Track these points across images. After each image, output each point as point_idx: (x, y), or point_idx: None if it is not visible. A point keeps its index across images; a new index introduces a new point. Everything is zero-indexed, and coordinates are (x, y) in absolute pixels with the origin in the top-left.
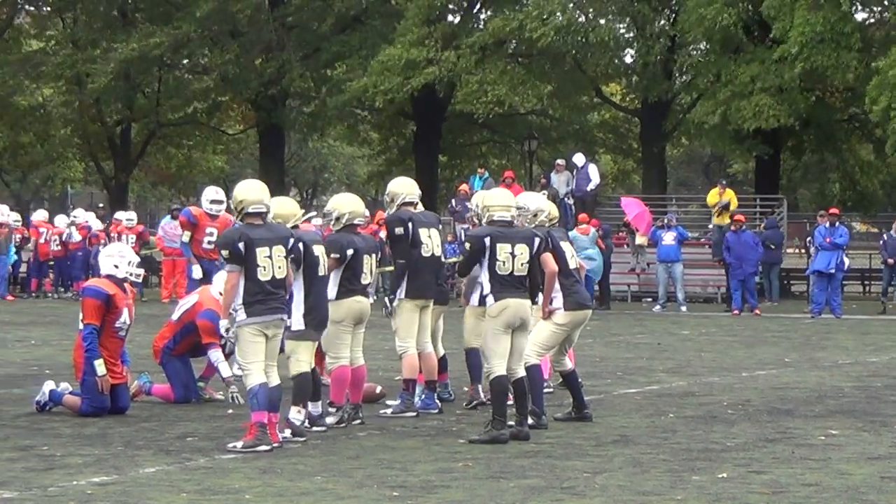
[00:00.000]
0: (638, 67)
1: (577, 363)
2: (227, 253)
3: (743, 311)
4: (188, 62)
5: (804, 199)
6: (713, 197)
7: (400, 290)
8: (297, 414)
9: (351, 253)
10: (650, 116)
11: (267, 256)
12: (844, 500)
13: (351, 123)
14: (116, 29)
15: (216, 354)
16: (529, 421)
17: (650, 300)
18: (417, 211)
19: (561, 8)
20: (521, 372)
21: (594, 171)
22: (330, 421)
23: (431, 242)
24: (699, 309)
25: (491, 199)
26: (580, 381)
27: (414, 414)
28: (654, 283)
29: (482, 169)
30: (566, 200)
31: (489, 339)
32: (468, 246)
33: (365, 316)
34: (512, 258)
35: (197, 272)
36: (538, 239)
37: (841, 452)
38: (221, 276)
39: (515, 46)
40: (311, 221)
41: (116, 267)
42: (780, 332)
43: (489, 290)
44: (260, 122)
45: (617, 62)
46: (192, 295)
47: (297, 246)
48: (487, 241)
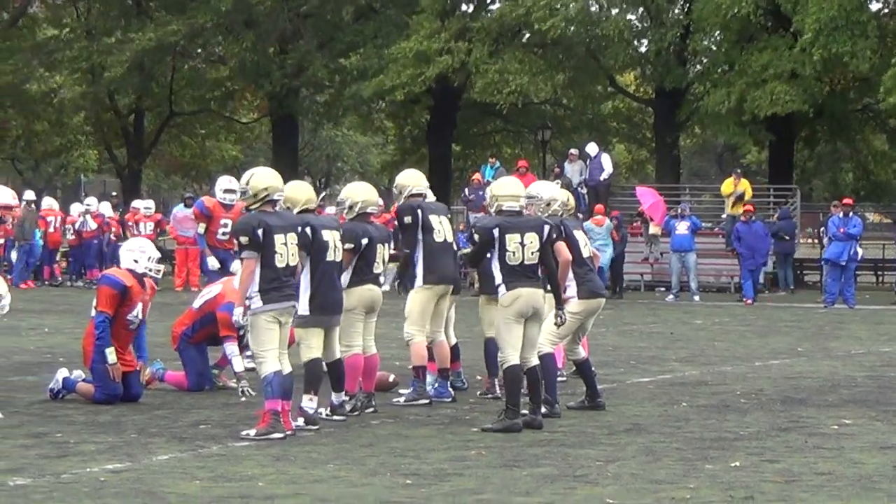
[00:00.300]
0: (651, 56)
1: (590, 352)
2: (246, 239)
3: (756, 300)
4: (202, 52)
5: (817, 189)
6: (728, 187)
7: (418, 277)
8: (309, 402)
9: (365, 242)
10: (664, 106)
11: (283, 244)
12: (857, 489)
13: (365, 113)
14: (131, 18)
15: (232, 348)
16: (542, 409)
17: (663, 289)
18: (426, 201)
19: None
20: (534, 360)
21: (607, 160)
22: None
23: (443, 228)
24: (712, 298)
25: (500, 189)
26: (593, 369)
27: (427, 402)
28: (667, 272)
29: (493, 158)
30: (579, 190)
31: (502, 328)
32: (477, 237)
33: (377, 304)
34: (522, 248)
35: (213, 263)
36: (548, 227)
37: (854, 442)
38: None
39: (529, 37)
40: (324, 209)
41: (136, 262)
42: (793, 321)
43: (500, 280)
44: (273, 111)
45: (631, 52)
46: (215, 285)
47: (304, 231)
48: (496, 231)
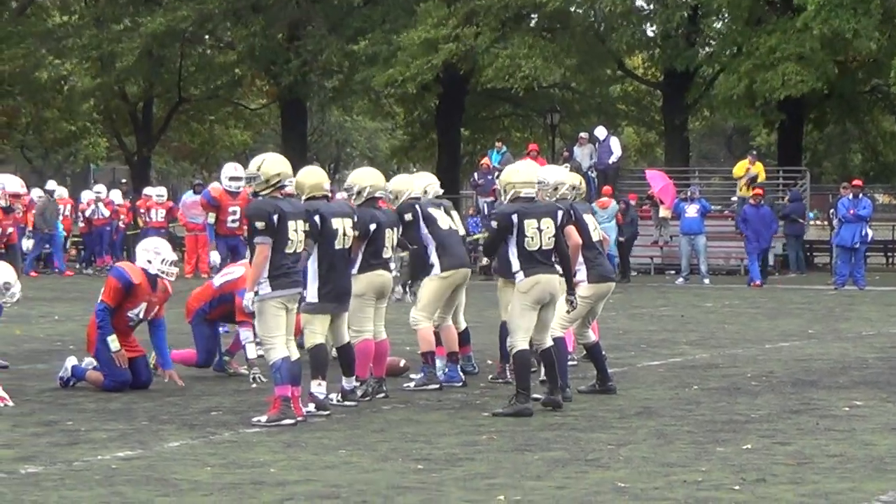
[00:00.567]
0: (659, 38)
1: (600, 335)
2: (262, 224)
3: (765, 282)
4: (211, 38)
5: (826, 170)
6: (741, 168)
7: (435, 266)
8: (318, 387)
9: (374, 227)
10: (672, 89)
11: (294, 230)
12: (869, 470)
13: (374, 98)
14: (139, 5)
15: (247, 334)
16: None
17: (673, 273)
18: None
19: None
20: (548, 342)
21: (616, 143)
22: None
23: (448, 218)
24: (722, 281)
25: (515, 175)
26: (604, 353)
27: (437, 386)
28: (677, 255)
29: (500, 142)
30: (589, 173)
31: (516, 313)
32: (495, 224)
33: (387, 290)
34: (539, 233)
35: (215, 258)
36: (561, 211)
37: (865, 423)
38: None
39: (536, 21)
40: (335, 195)
41: (150, 262)
42: (803, 303)
43: (518, 266)
44: (282, 96)
45: (639, 35)
46: (238, 266)
47: (313, 219)
48: (515, 217)
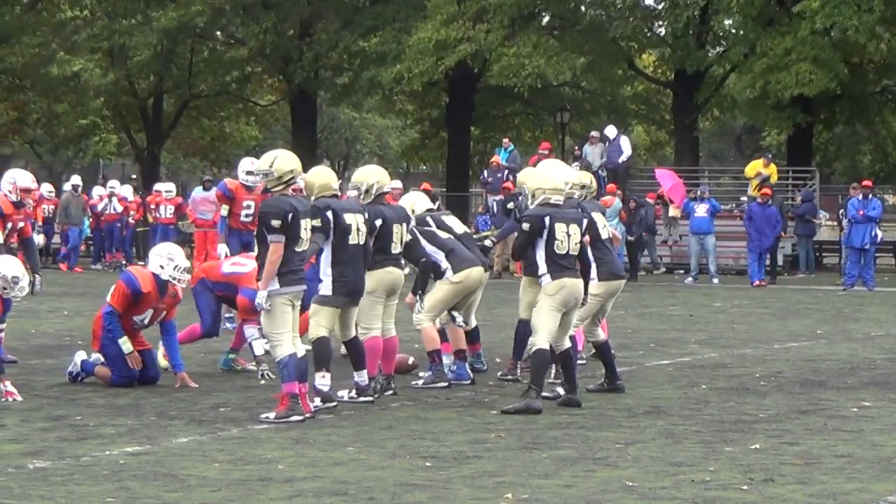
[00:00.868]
0: (669, 38)
1: (609, 334)
2: (279, 223)
3: (773, 282)
4: (222, 34)
5: (836, 171)
6: (753, 169)
7: (448, 271)
8: (322, 380)
9: (380, 223)
10: (683, 88)
11: (305, 229)
12: (877, 471)
13: (385, 94)
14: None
15: (251, 331)
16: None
17: (682, 272)
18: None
19: None
20: (567, 344)
21: (626, 143)
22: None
23: (446, 228)
24: (731, 281)
25: (545, 181)
26: (612, 352)
27: (445, 384)
28: (686, 254)
29: (507, 140)
30: (599, 172)
31: (542, 314)
32: (527, 226)
33: (398, 287)
34: (567, 238)
35: (223, 249)
36: (586, 220)
37: (873, 424)
38: None
39: (548, 20)
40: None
41: (162, 267)
42: (812, 304)
43: (545, 269)
44: (292, 92)
45: (649, 34)
46: (250, 260)
47: (325, 215)
48: (547, 220)
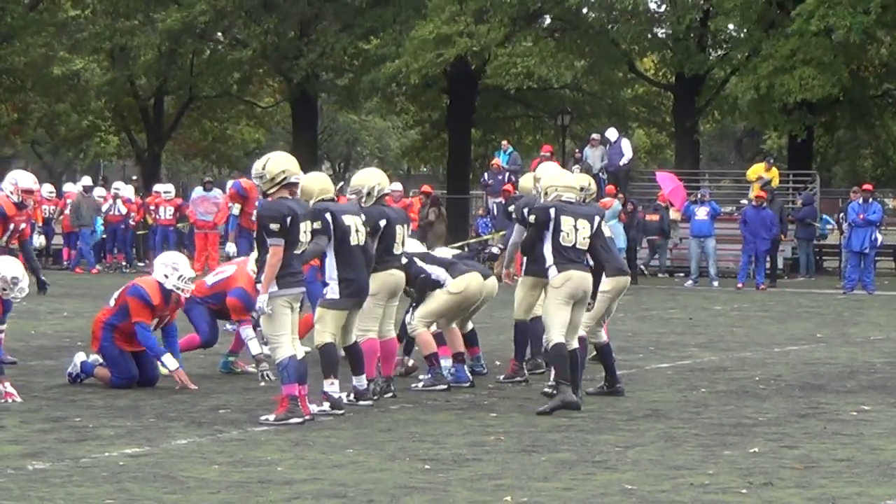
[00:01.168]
0: (670, 41)
1: (609, 337)
2: (277, 227)
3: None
4: (225, 35)
5: (836, 175)
6: (755, 172)
7: (447, 282)
8: (331, 386)
9: (383, 224)
10: (683, 91)
11: (304, 232)
12: (876, 475)
13: (386, 95)
14: (152, 1)
15: (247, 331)
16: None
17: (682, 275)
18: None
19: None
20: (575, 343)
21: (627, 145)
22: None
23: (447, 252)
24: (731, 284)
25: (557, 180)
26: (613, 355)
27: (445, 387)
28: (686, 258)
29: (506, 143)
30: (600, 175)
31: (550, 308)
32: (533, 218)
33: (399, 289)
34: (575, 231)
35: (231, 248)
36: (598, 218)
37: (873, 428)
38: (255, 256)
39: (550, 23)
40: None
41: (166, 277)
42: (812, 307)
43: (552, 261)
44: (292, 93)
45: (650, 36)
46: (229, 265)
47: (325, 217)
48: (553, 212)
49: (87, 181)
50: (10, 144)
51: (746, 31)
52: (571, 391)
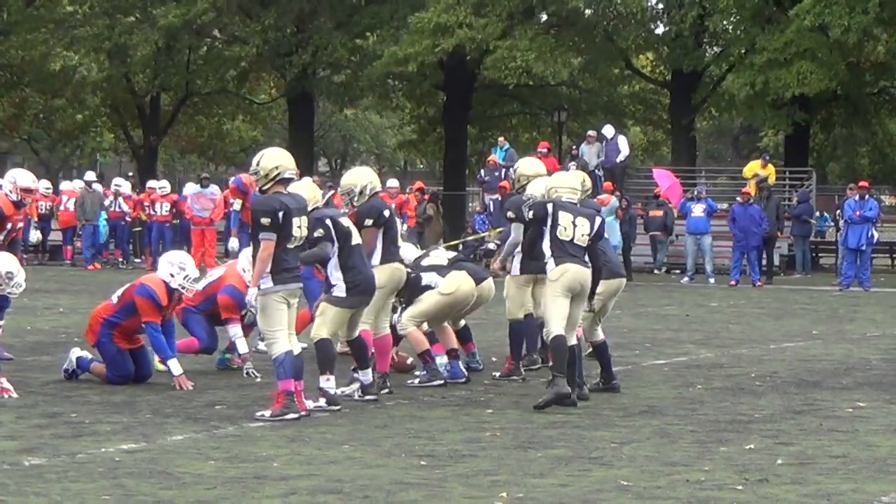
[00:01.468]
0: (666, 38)
1: (605, 334)
2: (268, 221)
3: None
4: (222, 32)
5: (833, 172)
6: (752, 169)
7: (436, 282)
8: (327, 382)
9: (387, 214)
10: (680, 88)
11: (298, 227)
12: (872, 471)
13: (383, 92)
14: None
15: (235, 330)
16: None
17: (679, 272)
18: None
19: None
20: (573, 339)
21: (624, 142)
22: (347, 390)
23: (443, 255)
24: (727, 281)
25: (560, 180)
26: (609, 352)
27: (441, 383)
28: (682, 254)
29: (502, 139)
30: (596, 172)
31: (549, 303)
32: (531, 214)
33: (402, 283)
34: (573, 227)
35: (233, 244)
36: (599, 219)
37: (868, 424)
38: (247, 252)
39: (546, 19)
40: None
41: (172, 276)
42: (808, 304)
43: (549, 254)
44: (289, 90)
45: (647, 34)
46: (218, 268)
47: (326, 223)
48: (550, 207)
49: (90, 176)
50: (6, 140)
51: (743, 28)
52: (566, 383)
